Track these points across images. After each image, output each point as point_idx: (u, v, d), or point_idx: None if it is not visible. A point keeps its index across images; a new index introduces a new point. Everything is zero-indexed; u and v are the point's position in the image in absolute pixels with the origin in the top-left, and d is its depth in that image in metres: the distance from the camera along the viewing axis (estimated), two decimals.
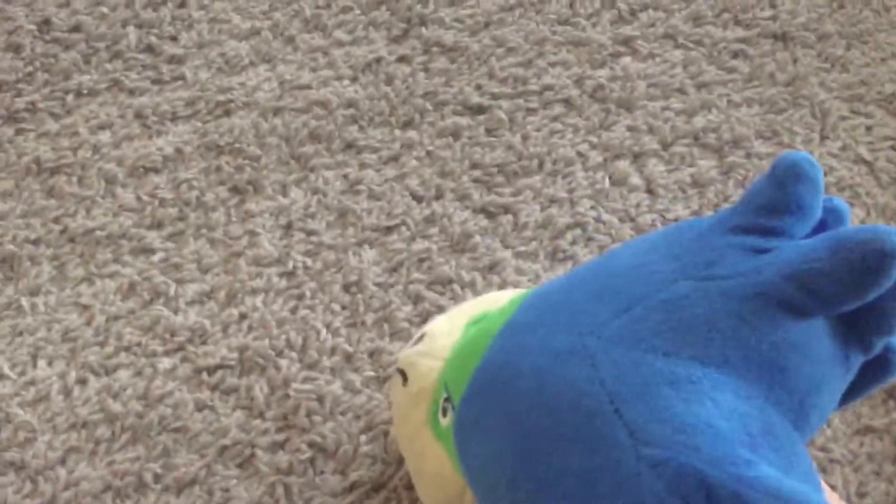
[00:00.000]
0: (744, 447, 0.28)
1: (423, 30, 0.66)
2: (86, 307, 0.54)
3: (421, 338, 0.41)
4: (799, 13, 0.66)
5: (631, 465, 0.28)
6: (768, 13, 0.66)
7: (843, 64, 0.64)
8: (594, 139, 0.61)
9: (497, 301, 0.40)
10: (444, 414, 0.37)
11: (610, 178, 0.59)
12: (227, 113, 0.62)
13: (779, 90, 0.63)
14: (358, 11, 0.67)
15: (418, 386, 0.39)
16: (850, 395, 0.35)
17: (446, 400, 0.37)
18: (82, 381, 0.52)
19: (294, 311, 0.54)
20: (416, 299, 0.54)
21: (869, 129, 0.61)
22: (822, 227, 0.33)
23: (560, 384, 0.31)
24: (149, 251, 0.56)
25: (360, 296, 0.54)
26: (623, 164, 0.60)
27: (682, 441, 0.28)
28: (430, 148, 0.60)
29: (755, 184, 0.32)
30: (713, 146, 0.61)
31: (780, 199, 0.31)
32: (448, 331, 0.40)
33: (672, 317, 0.30)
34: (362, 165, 0.60)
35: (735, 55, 0.65)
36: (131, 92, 0.63)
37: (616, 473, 0.29)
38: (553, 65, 0.64)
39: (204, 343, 0.53)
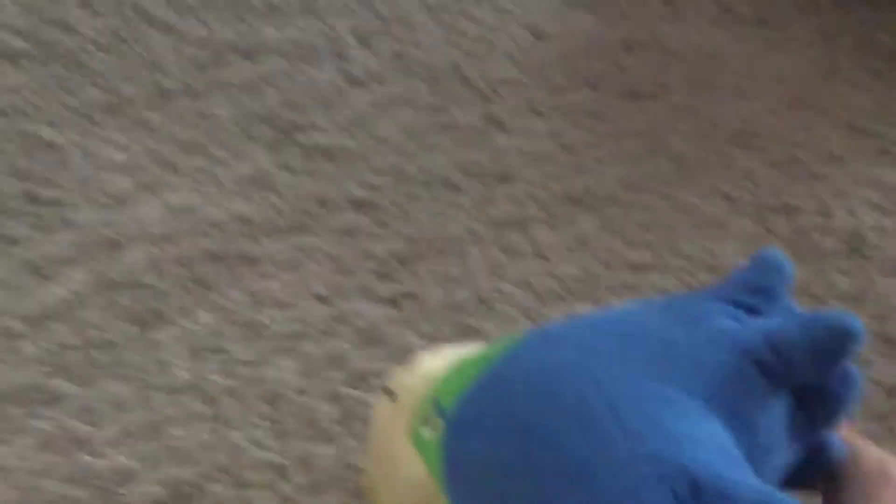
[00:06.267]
0: (728, 463, 0.31)
1: (301, 136, 0.68)
2: (4, 468, 0.53)
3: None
4: (643, 70, 0.72)
5: (625, 456, 0.31)
6: (616, 74, 0.72)
7: (691, 111, 0.70)
8: (481, 215, 0.64)
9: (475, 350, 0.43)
10: (429, 427, 0.39)
11: (502, 249, 0.62)
12: (119, 248, 0.62)
13: (638, 143, 0.68)
14: (234, 128, 0.68)
15: (406, 401, 0.41)
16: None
17: (435, 414, 0.39)
18: None
19: (217, 433, 0.54)
20: (336, 399, 0.55)
21: (726, 166, 0.66)
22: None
23: (564, 387, 0.34)
24: (60, 399, 0.55)
25: (283, 406, 0.55)
26: (512, 235, 0.63)
27: (673, 444, 0.31)
28: (327, 248, 0.62)
29: (739, 269, 0.38)
30: (589, 204, 0.65)
31: (757, 282, 0.37)
32: (437, 360, 0.43)
33: (665, 351, 0.34)
34: (263, 276, 0.61)
35: (593, 116, 0.70)
36: (16, 242, 0.62)
37: (611, 463, 0.32)
38: (430, 150, 0.67)
39: (131, 482, 0.52)
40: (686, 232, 0.63)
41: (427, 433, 0.39)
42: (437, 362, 0.42)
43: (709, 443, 0.32)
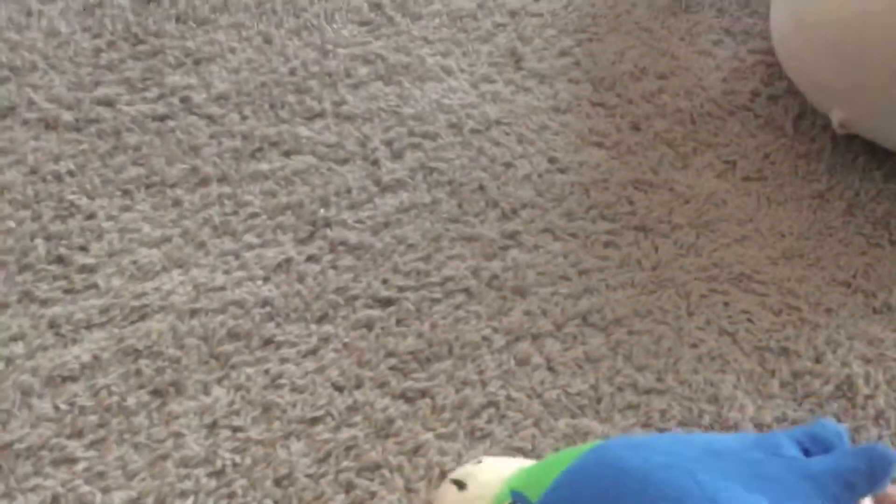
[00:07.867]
0: None
1: (328, 231, 0.71)
2: None
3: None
4: (653, 208, 0.77)
5: None
6: (628, 209, 0.77)
7: (696, 250, 0.74)
8: (496, 324, 0.66)
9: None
10: None
11: (514, 358, 0.65)
12: (143, 317, 0.63)
13: (646, 274, 0.72)
14: (265, 217, 0.71)
15: (478, 492, 0.42)
16: None
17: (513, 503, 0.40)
18: None
19: None
20: (348, 487, 0.56)
21: (727, 304, 0.70)
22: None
23: (662, 482, 0.37)
24: (71, 461, 0.55)
25: (291, 489, 0.55)
26: (524, 346, 0.65)
27: None
28: (346, 340, 0.64)
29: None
30: (599, 325, 0.68)
31: (821, 436, 0.43)
32: (502, 462, 0.44)
33: (750, 469, 0.39)
34: (282, 360, 0.62)
35: (606, 245, 0.74)
36: (43, 302, 0.63)
37: None
38: (451, 258, 0.70)
39: None
40: (689, 362, 0.66)
41: None
42: (503, 464, 0.44)
43: None
